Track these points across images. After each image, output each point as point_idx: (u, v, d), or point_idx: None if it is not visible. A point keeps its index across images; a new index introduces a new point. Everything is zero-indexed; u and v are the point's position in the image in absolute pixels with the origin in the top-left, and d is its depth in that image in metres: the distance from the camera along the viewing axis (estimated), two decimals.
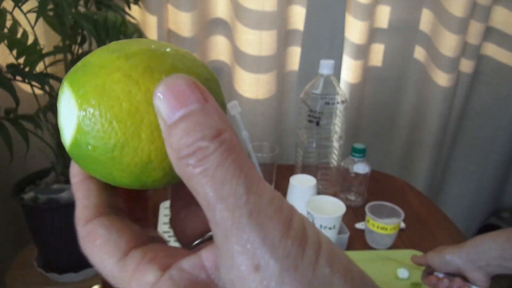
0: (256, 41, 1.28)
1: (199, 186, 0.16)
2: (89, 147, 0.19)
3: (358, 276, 0.16)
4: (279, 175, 0.99)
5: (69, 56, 1.06)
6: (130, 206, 0.24)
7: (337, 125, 0.98)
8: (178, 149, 0.16)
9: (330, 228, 0.81)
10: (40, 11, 0.89)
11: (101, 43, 0.99)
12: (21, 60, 1.01)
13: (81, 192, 0.21)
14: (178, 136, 0.16)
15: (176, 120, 0.16)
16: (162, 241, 0.21)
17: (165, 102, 0.17)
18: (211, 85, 0.21)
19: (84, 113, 0.19)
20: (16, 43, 0.98)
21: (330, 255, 0.16)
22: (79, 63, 0.20)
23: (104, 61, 0.19)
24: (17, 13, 0.99)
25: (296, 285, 0.15)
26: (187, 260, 0.18)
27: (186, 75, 0.17)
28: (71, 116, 0.19)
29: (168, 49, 0.20)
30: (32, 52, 1.00)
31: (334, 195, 0.97)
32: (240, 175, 0.16)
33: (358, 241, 0.88)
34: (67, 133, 0.20)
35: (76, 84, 0.19)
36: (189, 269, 0.18)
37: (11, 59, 1.02)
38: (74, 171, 0.22)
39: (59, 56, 1.08)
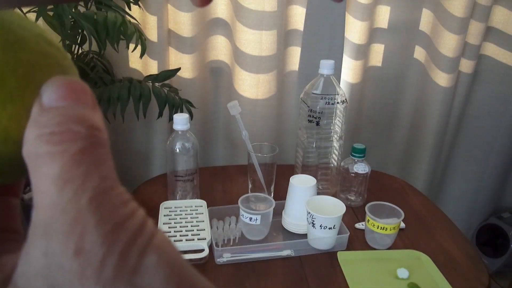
0: (256, 41, 1.28)
1: (47, 164, 0.14)
2: None
3: (187, 272, 0.15)
4: (279, 175, 0.99)
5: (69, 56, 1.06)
6: None
7: (337, 125, 0.98)
8: (43, 126, 0.14)
9: (330, 228, 0.81)
10: (40, 11, 0.89)
11: (101, 43, 0.99)
12: None
13: None
14: (51, 115, 0.14)
15: (58, 106, 0.15)
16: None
17: (55, 89, 0.15)
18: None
19: None
20: None
21: (160, 247, 0.14)
22: None
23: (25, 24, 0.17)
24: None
25: (116, 271, 0.13)
26: None
27: (84, 83, 0.16)
28: None
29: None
30: None
31: (334, 195, 0.97)
32: (102, 165, 0.14)
33: (358, 241, 0.88)
34: None
35: None
36: None
37: None
38: None
39: None
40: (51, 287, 0.13)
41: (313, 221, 0.82)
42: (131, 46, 1.07)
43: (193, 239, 0.81)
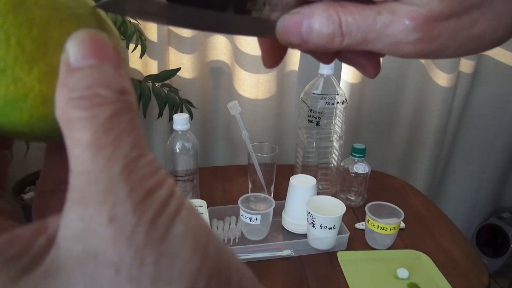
0: (256, 41, 1.28)
1: (79, 131, 0.14)
2: None
3: (213, 245, 0.16)
4: (279, 175, 0.99)
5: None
6: None
7: (337, 125, 0.98)
8: (72, 89, 0.15)
9: (330, 228, 0.81)
10: None
11: None
12: None
13: None
14: (79, 77, 0.15)
15: (84, 66, 0.15)
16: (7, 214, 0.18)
17: (80, 46, 0.15)
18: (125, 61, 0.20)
19: None
20: None
21: (188, 218, 0.15)
22: None
23: None
24: None
25: (146, 238, 0.14)
26: (22, 228, 0.16)
27: (110, 39, 0.16)
28: None
29: (91, 5, 0.18)
30: None
31: (334, 195, 0.97)
32: (131, 133, 0.15)
33: (358, 241, 0.88)
34: None
35: None
36: (17, 236, 0.15)
37: None
38: None
39: None
40: (88, 250, 0.14)
41: (313, 221, 0.82)
42: (131, 46, 1.07)
43: None
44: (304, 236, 0.86)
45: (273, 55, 0.25)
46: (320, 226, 0.81)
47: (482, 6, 0.20)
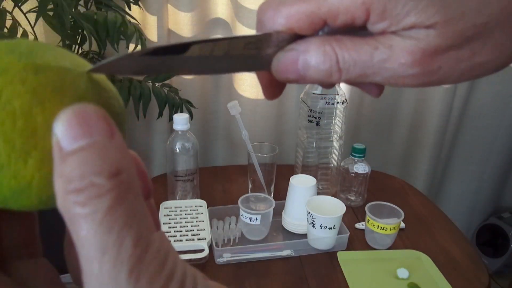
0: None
1: (82, 230, 0.14)
2: None
3: None
4: (279, 175, 0.99)
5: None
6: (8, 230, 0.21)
7: (337, 125, 0.98)
8: (68, 180, 0.15)
9: (330, 228, 0.81)
10: (40, 11, 0.89)
11: (101, 43, 0.99)
12: None
13: None
14: (73, 165, 0.15)
15: (75, 149, 0.15)
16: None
17: (67, 128, 0.15)
18: (120, 120, 0.19)
19: None
20: None
21: None
22: None
23: (7, 64, 0.16)
24: (17, 13, 0.99)
25: None
26: None
27: (98, 107, 0.16)
28: None
29: (83, 70, 0.18)
30: None
31: (334, 195, 0.97)
32: (132, 225, 0.15)
33: (358, 241, 0.88)
34: None
35: None
36: None
37: None
38: None
39: None
40: None
41: (313, 221, 0.82)
42: (131, 46, 1.07)
43: (193, 239, 0.81)
44: (304, 236, 0.86)
45: (273, 89, 0.25)
46: (320, 226, 0.81)
47: (482, 37, 0.19)
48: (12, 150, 0.16)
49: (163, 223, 0.86)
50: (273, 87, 0.24)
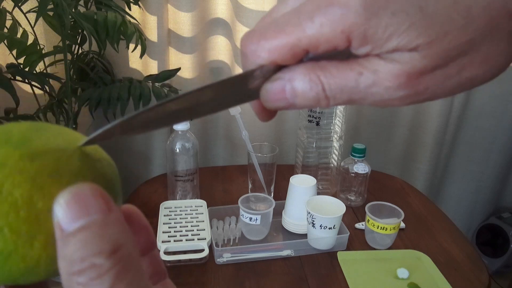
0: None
1: None
2: None
3: None
4: (279, 175, 0.99)
5: (69, 56, 1.06)
6: None
7: (337, 125, 0.98)
8: (70, 262, 0.15)
9: (330, 228, 0.81)
10: (40, 11, 0.89)
11: (101, 43, 0.99)
12: (21, 60, 1.01)
13: None
14: (73, 247, 0.16)
15: (74, 230, 0.16)
16: None
17: (66, 211, 0.16)
18: (114, 184, 0.20)
19: None
20: (16, 43, 0.98)
21: None
22: None
23: (4, 158, 0.17)
24: (17, 13, 0.99)
25: None
26: None
27: (93, 184, 0.17)
28: None
29: (76, 146, 0.19)
30: (32, 52, 1.00)
31: (334, 195, 0.97)
32: None
33: (358, 241, 0.88)
34: None
35: None
36: None
37: (11, 59, 1.02)
38: None
39: (59, 56, 1.08)
40: None
41: (313, 221, 0.82)
42: (131, 46, 1.07)
43: (193, 239, 0.81)
44: (304, 236, 0.86)
45: (266, 114, 0.25)
46: (320, 226, 0.81)
47: (468, 53, 0.19)
48: (18, 237, 0.16)
49: (163, 223, 0.86)
50: (266, 111, 0.24)
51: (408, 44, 0.18)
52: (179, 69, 1.21)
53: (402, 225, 0.92)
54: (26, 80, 1.04)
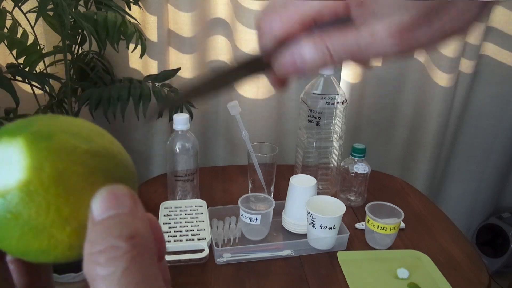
0: (255, 41, 1.28)
1: None
2: (12, 211, 0.18)
3: None
4: (279, 175, 0.99)
5: (69, 56, 1.06)
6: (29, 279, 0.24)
7: (337, 125, 0.98)
8: (93, 243, 0.17)
9: (330, 228, 0.81)
10: (40, 11, 0.89)
11: (101, 43, 0.99)
12: (21, 60, 1.01)
13: None
14: (98, 231, 0.18)
15: (103, 218, 0.18)
16: None
17: (100, 203, 0.18)
18: (133, 178, 0.23)
19: (28, 185, 0.18)
20: (16, 43, 0.98)
21: None
22: (43, 127, 0.20)
23: (71, 146, 0.19)
24: (17, 13, 0.99)
25: None
26: None
27: (127, 187, 0.19)
28: (11, 169, 0.18)
29: (125, 157, 0.22)
30: (32, 52, 1.00)
31: (334, 195, 0.97)
32: (145, 286, 0.17)
33: (358, 241, 0.88)
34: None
35: (36, 152, 0.19)
36: None
37: (11, 59, 1.02)
38: None
39: (59, 56, 1.08)
40: None
41: (313, 221, 0.82)
42: (131, 46, 1.07)
43: (193, 239, 0.81)
44: (304, 236, 0.86)
45: (280, 83, 0.28)
46: (320, 226, 0.81)
47: (448, 7, 0.22)
48: (58, 216, 0.19)
49: (163, 223, 0.86)
50: (280, 81, 0.28)
51: (396, 2, 0.22)
52: (179, 69, 1.21)
53: (402, 225, 0.92)
54: (26, 80, 1.04)
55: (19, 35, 1.02)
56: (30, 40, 1.03)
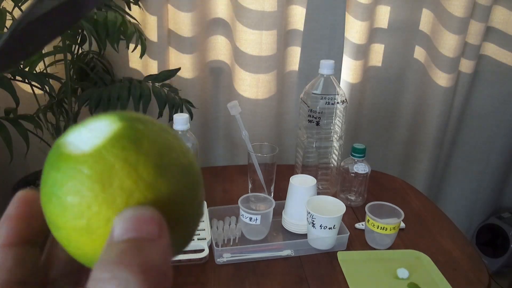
0: (256, 41, 1.28)
1: None
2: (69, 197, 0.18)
3: None
4: (279, 175, 0.99)
5: (69, 56, 1.06)
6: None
7: (337, 125, 0.98)
8: (102, 264, 0.16)
9: (330, 228, 0.81)
10: None
11: (101, 43, 0.99)
12: None
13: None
14: (112, 253, 0.16)
15: (121, 240, 0.16)
16: None
17: (122, 223, 0.17)
18: (191, 179, 0.20)
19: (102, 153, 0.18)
20: None
21: None
22: (139, 116, 0.19)
23: (136, 162, 0.18)
24: (17, 13, 0.99)
25: None
26: None
27: (156, 212, 0.17)
28: (97, 132, 0.18)
29: (180, 146, 0.20)
30: None
31: (334, 195, 0.97)
32: None
33: (358, 241, 0.88)
34: (83, 143, 0.18)
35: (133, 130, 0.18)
36: None
37: None
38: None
39: (59, 56, 1.08)
40: None
41: (313, 221, 0.82)
42: (131, 46, 1.07)
43: (193, 239, 0.81)
44: (304, 236, 0.86)
45: None
46: (320, 226, 0.81)
47: None
48: (109, 211, 0.18)
49: None
50: None
51: None
52: (179, 69, 1.21)
53: (402, 225, 0.92)
54: (26, 80, 1.04)
55: None
56: None
